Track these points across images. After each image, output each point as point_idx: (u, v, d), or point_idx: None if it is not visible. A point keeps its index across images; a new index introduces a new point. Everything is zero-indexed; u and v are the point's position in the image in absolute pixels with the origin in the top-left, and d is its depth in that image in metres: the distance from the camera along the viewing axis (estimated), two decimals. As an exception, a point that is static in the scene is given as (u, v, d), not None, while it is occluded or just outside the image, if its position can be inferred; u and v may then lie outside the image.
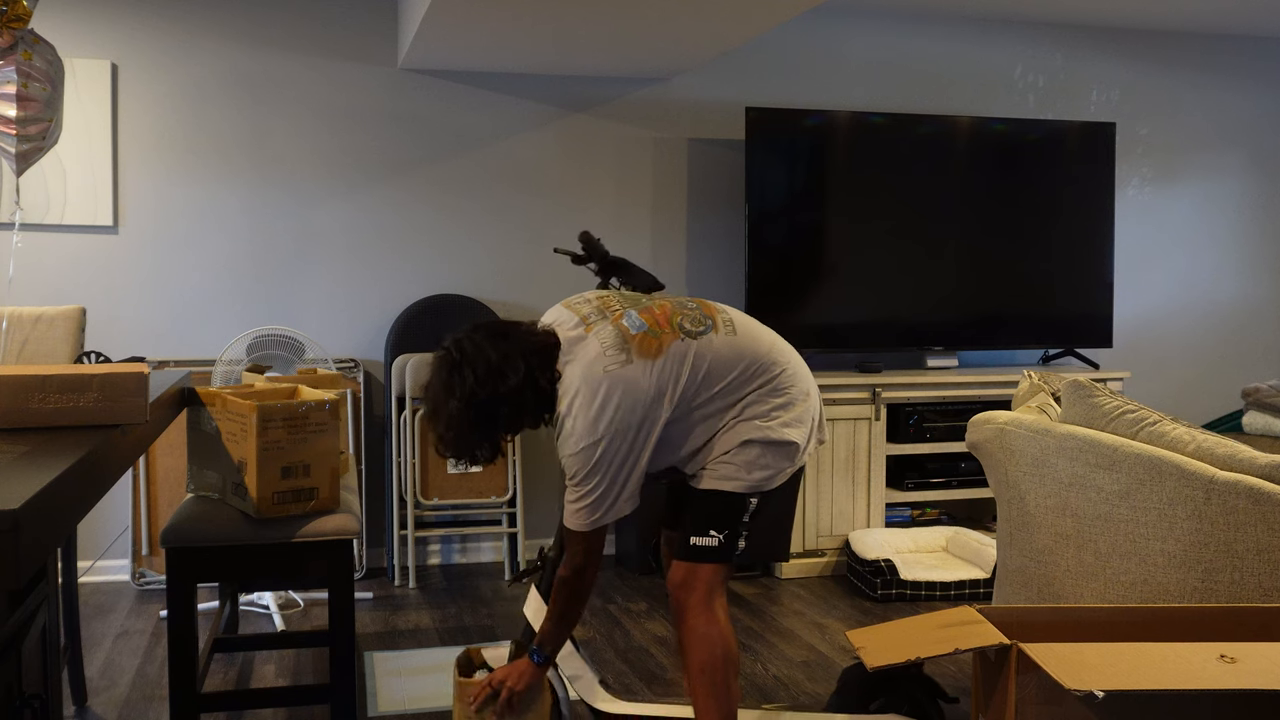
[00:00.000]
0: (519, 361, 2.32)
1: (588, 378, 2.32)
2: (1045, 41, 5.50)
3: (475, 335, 2.37)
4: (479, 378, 2.31)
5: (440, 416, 2.35)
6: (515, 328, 2.40)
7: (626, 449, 2.33)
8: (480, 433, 2.35)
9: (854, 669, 2.62)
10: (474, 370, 2.32)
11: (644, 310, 2.43)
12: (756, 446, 2.42)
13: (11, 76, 2.99)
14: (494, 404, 2.31)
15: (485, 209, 4.88)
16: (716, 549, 2.44)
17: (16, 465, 1.39)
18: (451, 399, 2.32)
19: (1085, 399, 2.78)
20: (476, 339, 2.36)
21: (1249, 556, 2.32)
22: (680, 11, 3.82)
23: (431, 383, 2.39)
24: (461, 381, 2.32)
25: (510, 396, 2.32)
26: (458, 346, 2.37)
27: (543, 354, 2.36)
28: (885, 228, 4.96)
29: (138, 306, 4.54)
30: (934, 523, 4.93)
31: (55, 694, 1.79)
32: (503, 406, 2.32)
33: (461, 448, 2.36)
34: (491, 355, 2.33)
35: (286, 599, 4.19)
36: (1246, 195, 5.88)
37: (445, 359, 2.37)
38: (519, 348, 2.34)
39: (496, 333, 2.37)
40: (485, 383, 2.31)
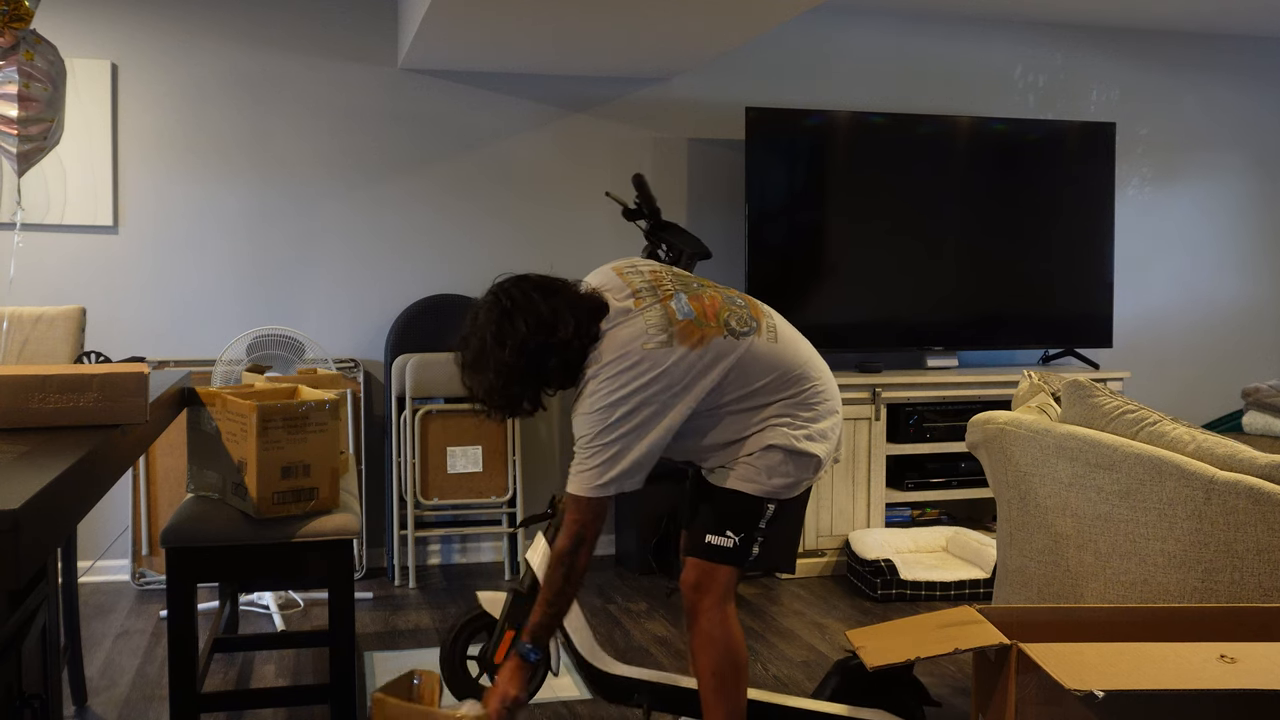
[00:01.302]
0: (568, 315, 2.30)
1: (625, 347, 2.32)
2: (1045, 41, 5.50)
3: (523, 285, 2.35)
4: (530, 326, 2.29)
5: (487, 365, 2.32)
6: (563, 283, 2.38)
7: (640, 421, 2.31)
8: (527, 384, 2.33)
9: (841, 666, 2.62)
10: (525, 319, 2.30)
11: (694, 297, 2.42)
12: (779, 453, 2.41)
13: (13, 77, 2.99)
14: (545, 353, 2.29)
15: (485, 209, 4.89)
16: (731, 550, 2.43)
17: (16, 465, 1.39)
18: (501, 347, 2.30)
19: (1085, 399, 2.78)
20: (525, 288, 2.34)
21: (1249, 556, 2.32)
22: (680, 11, 3.82)
23: (475, 330, 2.36)
24: (513, 329, 2.30)
25: (560, 348, 2.30)
26: (506, 295, 2.34)
27: (590, 313, 2.35)
28: (885, 228, 4.96)
29: (138, 306, 4.54)
30: (934, 523, 4.93)
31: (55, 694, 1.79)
32: (552, 357, 2.30)
33: (508, 399, 2.35)
34: (542, 306, 2.30)
35: (286, 599, 4.19)
36: (1246, 195, 5.88)
37: (495, 306, 2.34)
38: (567, 301, 2.33)
39: (544, 286, 2.35)
40: (537, 331, 2.29)
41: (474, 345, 2.37)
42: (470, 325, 2.40)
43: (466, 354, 2.39)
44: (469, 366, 2.38)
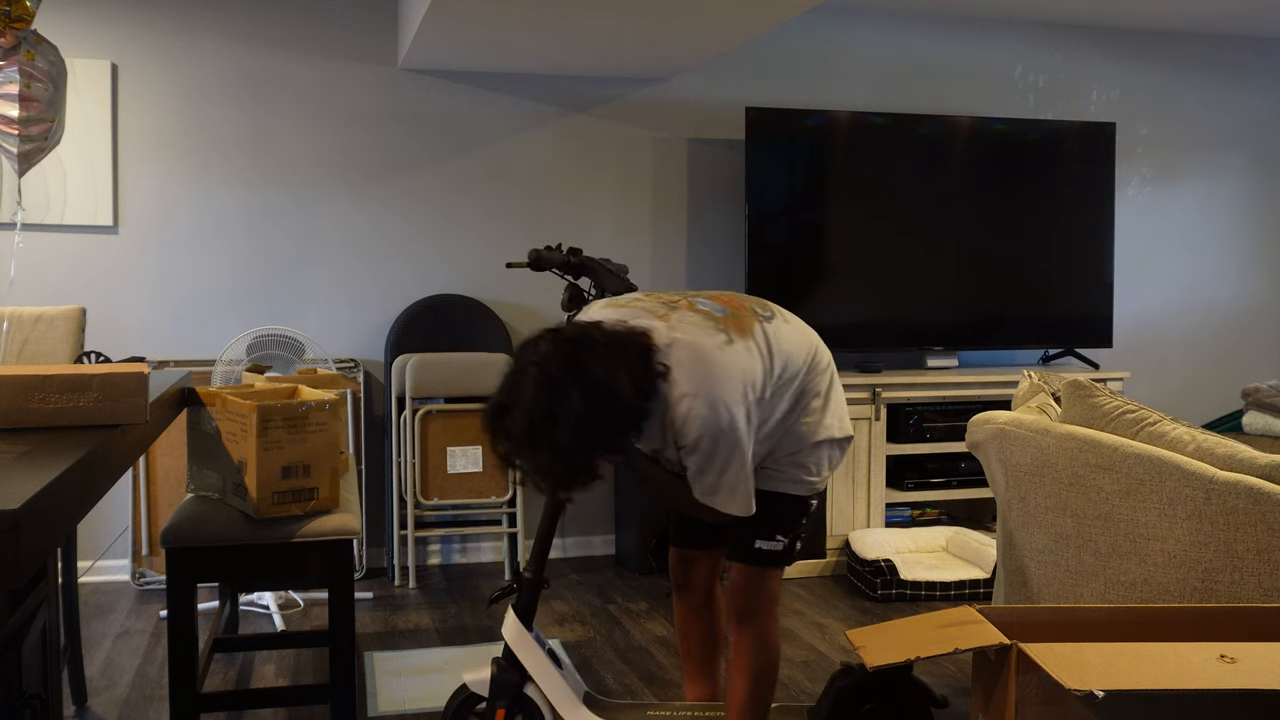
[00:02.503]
0: (622, 371, 2.07)
1: (699, 361, 2.16)
2: (1045, 41, 5.50)
3: (563, 345, 2.08)
4: (589, 399, 2.03)
5: (539, 444, 2.04)
6: (597, 329, 2.13)
7: (746, 426, 2.20)
8: (585, 459, 2.09)
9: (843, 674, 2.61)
10: (581, 390, 2.03)
11: (712, 296, 2.37)
12: (827, 446, 2.41)
13: (14, 77, 2.99)
14: (609, 424, 2.07)
15: (485, 209, 4.89)
16: (781, 553, 2.41)
17: (16, 465, 1.39)
18: (555, 423, 2.02)
19: (1085, 399, 2.78)
20: (568, 351, 2.07)
21: (1249, 556, 2.32)
22: (680, 11, 3.82)
23: (521, 405, 2.05)
24: (569, 404, 2.02)
25: (623, 413, 2.07)
26: (551, 362, 2.05)
27: (640, 355, 2.13)
28: (885, 228, 4.96)
29: (138, 306, 4.54)
30: (934, 523, 4.93)
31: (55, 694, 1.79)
32: (615, 426, 2.08)
33: (566, 479, 2.12)
34: (596, 368, 2.05)
35: (286, 599, 4.19)
36: (1247, 195, 5.88)
37: (542, 379, 2.04)
38: (615, 351, 2.09)
39: (584, 341, 2.09)
40: (597, 402, 2.03)
41: (521, 421, 2.05)
42: (508, 394, 2.09)
43: (511, 429, 2.08)
44: (517, 443, 2.08)
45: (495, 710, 2.60)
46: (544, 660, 2.59)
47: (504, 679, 2.59)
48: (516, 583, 2.65)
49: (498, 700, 2.59)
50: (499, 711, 2.60)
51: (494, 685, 2.59)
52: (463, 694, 2.65)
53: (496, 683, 2.59)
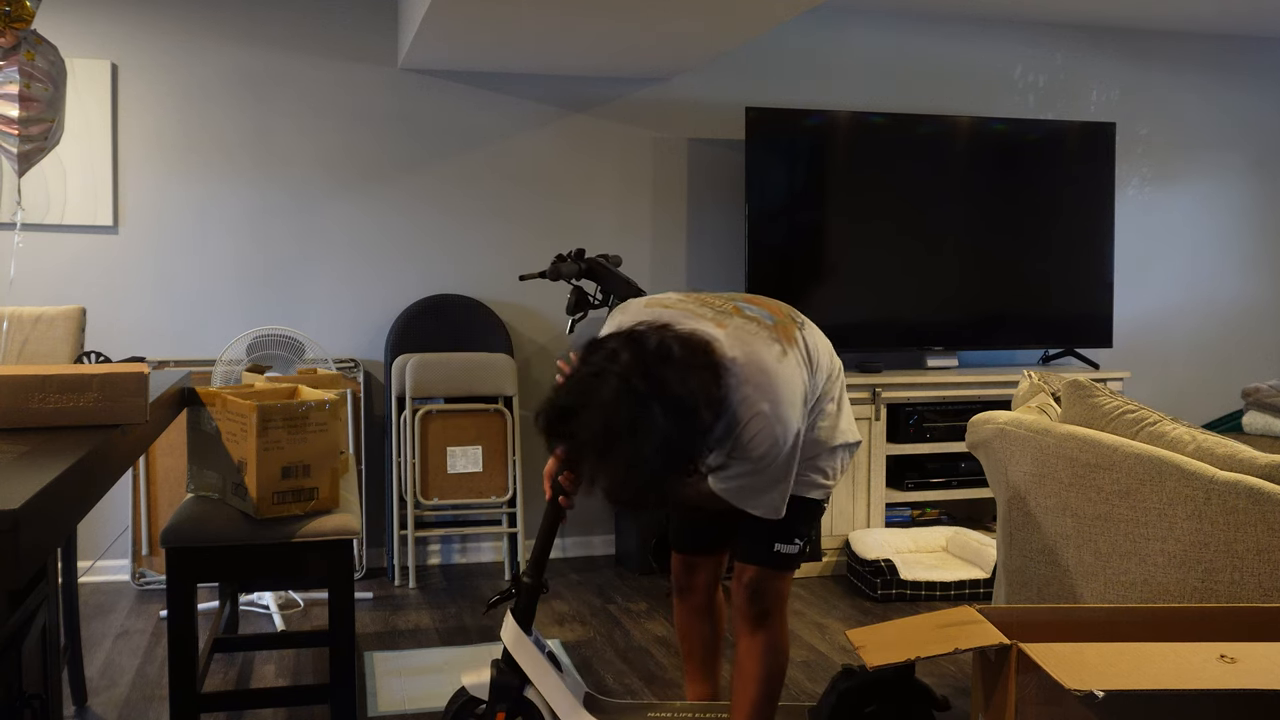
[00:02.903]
0: (700, 390, 2.00)
1: (765, 376, 2.14)
2: (1045, 41, 5.50)
3: (648, 361, 1.99)
4: (672, 417, 1.95)
5: (614, 460, 1.96)
6: (676, 342, 2.03)
7: (798, 435, 2.22)
8: (660, 478, 2.01)
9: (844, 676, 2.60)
10: (664, 408, 1.94)
11: (752, 300, 2.38)
12: (841, 450, 2.45)
13: (14, 77, 2.99)
14: (691, 444, 2.01)
15: (485, 209, 4.88)
16: (796, 556, 2.43)
17: (16, 465, 1.39)
18: (638, 441, 1.94)
19: (1085, 399, 2.78)
20: (652, 365, 1.98)
21: (1249, 556, 2.32)
22: (680, 11, 3.82)
23: (597, 415, 1.96)
24: (652, 422, 1.94)
25: (702, 434, 2.01)
26: (634, 374, 1.96)
27: (713, 373, 2.05)
28: (885, 228, 4.96)
29: (138, 306, 4.54)
30: (934, 523, 4.93)
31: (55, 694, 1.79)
32: (693, 448, 2.02)
33: (636, 498, 2.05)
34: (679, 386, 1.97)
35: (286, 599, 4.19)
36: (1247, 195, 5.88)
37: (625, 392, 1.94)
38: (694, 371, 2.01)
39: (663, 355, 1.99)
40: (681, 422, 1.96)
41: (594, 428, 1.95)
42: (579, 397, 1.99)
43: (580, 433, 1.98)
44: (584, 448, 1.99)
45: (495, 714, 2.60)
46: (543, 663, 2.59)
47: (503, 682, 2.58)
48: (515, 587, 2.65)
49: (498, 704, 2.59)
50: (499, 715, 2.60)
51: (494, 689, 2.59)
52: (462, 697, 2.65)
53: (496, 686, 2.59)
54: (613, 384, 1.96)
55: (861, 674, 2.56)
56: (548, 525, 2.67)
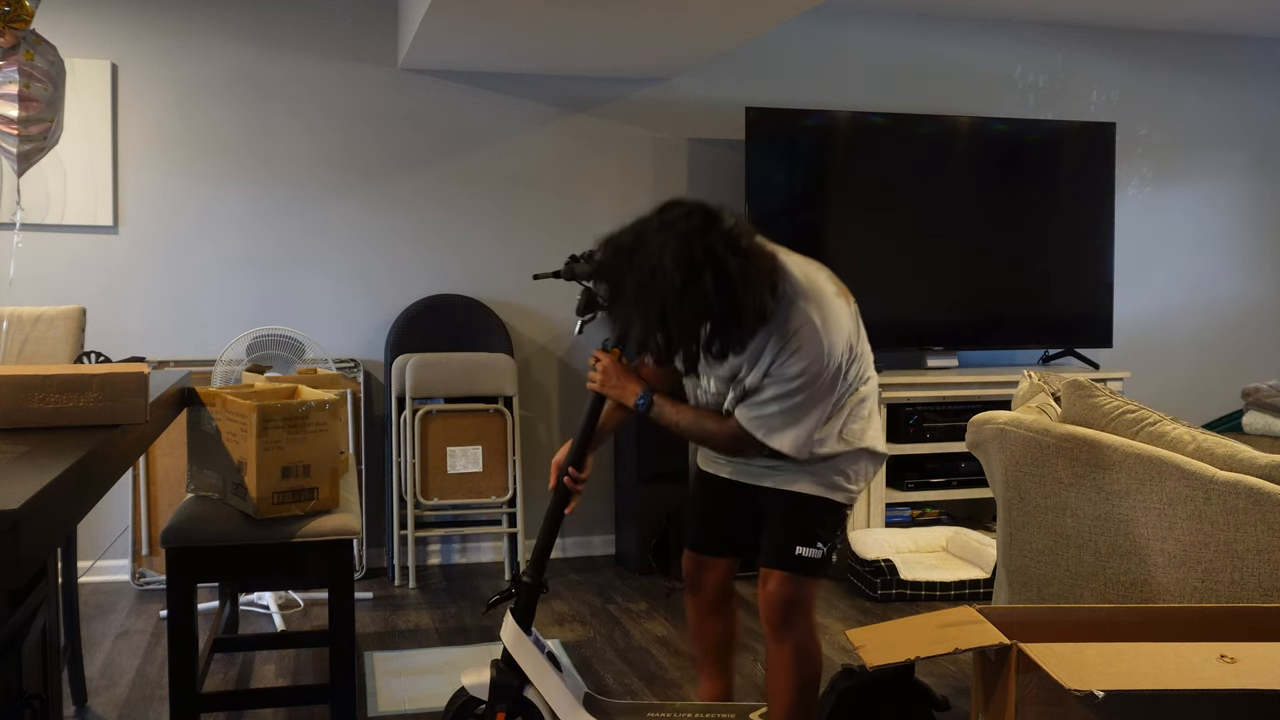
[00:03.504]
0: (751, 286, 2.09)
1: (821, 300, 2.19)
2: (1045, 41, 5.50)
3: (714, 232, 2.07)
4: (719, 294, 2.02)
5: (649, 309, 2.05)
6: (747, 235, 2.15)
7: (833, 388, 2.26)
8: (686, 344, 2.10)
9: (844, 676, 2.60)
10: (715, 281, 2.01)
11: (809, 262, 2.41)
12: (866, 456, 2.46)
13: (14, 77, 2.99)
14: (720, 327, 2.10)
15: (485, 209, 4.88)
16: (820, 561, 2.42)
17: (16, 465, 1.39)
18: (681, 303, 2.02)
19: (1085, 399, 2.78)
20: (716, 238, 2.06)
21: (1249, 556, 2.32)
22: (680, 11, 3.82)
23: (648, 264, 2.04)
24: (698, 288, 2.01)
25: (738, 323, 2.09)
26: (697, 241, 2.04)
27: (771, 277, 2.15)
28: (885, 228, 4.96)
29: (138, 306, 4.54)
30: (934, 523, 4.93)
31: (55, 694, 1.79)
32: (726, 331, 2.09)
33: (650, 347, 2.12)
34: (733, 271, 2.05)
35: (286, 599, 4.19)
36: (1247, 195, 5.88)
37: (683, 253, 2.03)
38: (755, 265, 2.10)
39: (734, 239, 2.09)
40: (722, 302, 2.05)
41: (642, 275, 2.03)
42: (636, 240, 2.08)
43: (624, 272, 2.07)
44: (622, 289, 2.07)
45: (495, 714, 2.60)
46: (543, 663, 2.59)
47: (503, 683, 2.58)
48: (515, 587, 2.65)
49: (497, 704, 2.59)
50: (499, 715, 2.60)
51: (494, 689, 2.59)
52: (462, 697, 2.65)
53: (496, 686, 2.59)
54: (674, 243, 2.04)
55: (861, 674, 2.56)
56: (549, 525, 2.67)
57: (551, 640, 3.78)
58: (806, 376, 2.21)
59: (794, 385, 2.22)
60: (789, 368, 2.21)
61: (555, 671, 2.61)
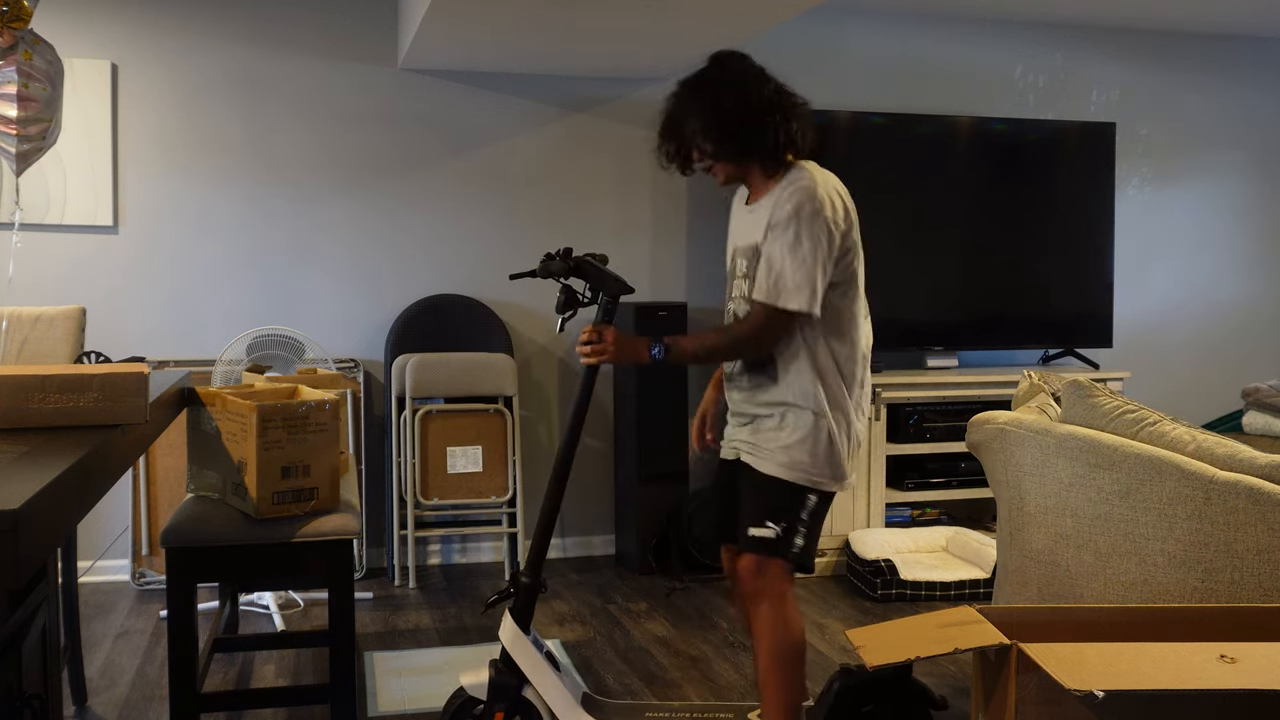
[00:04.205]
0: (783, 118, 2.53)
1: (821, 173, 2.55)
2: (1045, 41, 5.50)
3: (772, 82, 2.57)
4: (779, 88, 2.54)
5: (716, 98, 2.48)
6: (800, 101, 2.63)
7: (828, 235, 2.46)
8: (740, 135, 2.49)
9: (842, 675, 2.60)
10: (778, 83, 2.55)
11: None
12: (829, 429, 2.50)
13: (12, 77, 2.99)
14: (785, 115, 2.52)
15: (485, 209, 4.88)
16: (775, 541, 2.47)
17: (16, 465, 1.39)
18: (753, 96, 2.49)
19: (1085, 399, 2.78)
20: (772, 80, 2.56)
21: (1249, 556, 2.32)
22: (680, 11, 3.82)
23: (723, 71, 2.52)
24: (766, 80, 2.52)
25: (790, 118, 2.53)
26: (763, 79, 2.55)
27: (803, 128, 2.59)
28: (885, 227, 4.96)
29: (138, 306, 4.54)
30: (934, 523, 4.93)
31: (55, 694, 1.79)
32: (784, 123, 2.51)
33: (718, 138, 2.50)
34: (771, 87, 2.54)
35: (286, 599, 4.19)
36: (1246, 195, 5.88)
37: (740, 56, 2.55)
38: (795, 109, 2.58)
39: (787, 95, 2.58)
40: (785, 94, 2.54)
41: (702, 78, 2.51)
42: (702, 73, 2.54)
43: (690, 85, 2.52)
44: (699, 90, 2.50)
45: (494, 714, 2.60)
46: (541, 663, 2.59)
47: (502, 682, 2.58)
48: (513, 587, 2.65)
49: (496, 704, 2.59)
50: (497, 715, 2.60)
51: (492, 688, 2.59)
52: (461, 697, 2.65)
53: (495, 686, 2.59)
54: (737, 59, 2.56)
55: (859, 673, 2.56)
56: (545, 524, 2.67)
57: (551, 640, 3.78)
58: (802, 213, 2.44)
59: (790, 226, 2.44)
60: (784, 209, 2.46)
61: (553, 671, 2.61)
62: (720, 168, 2.59)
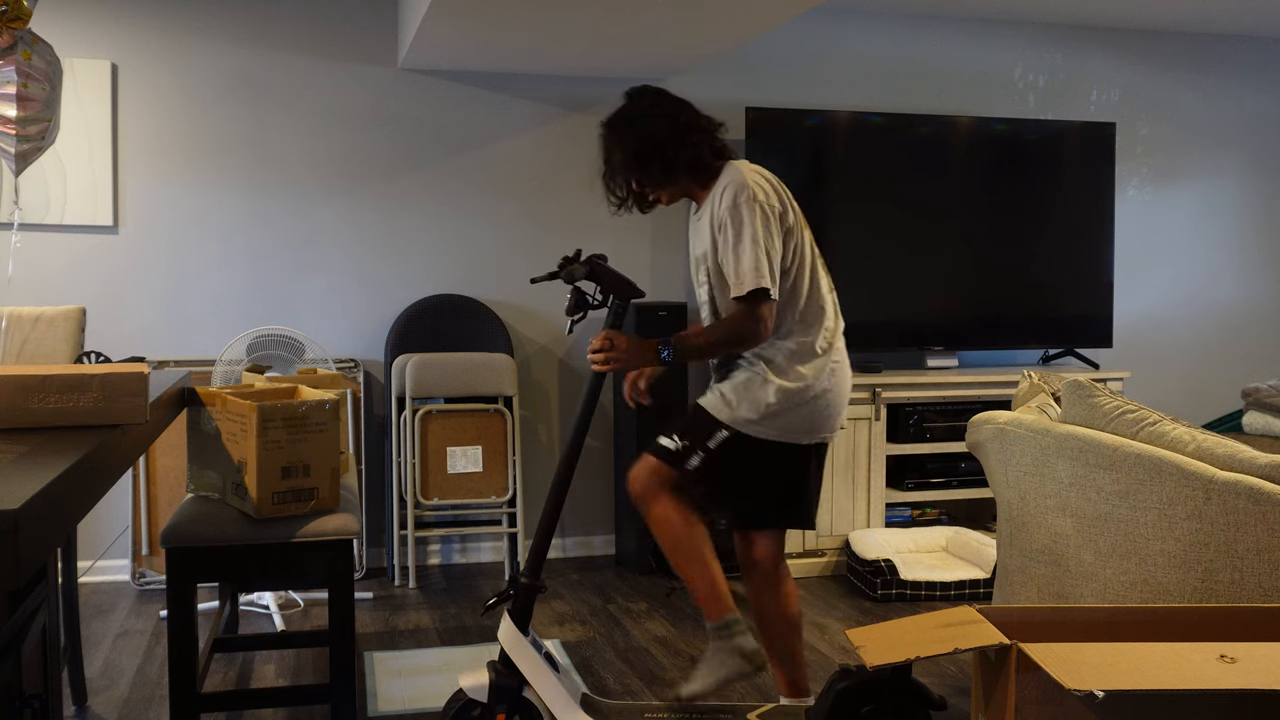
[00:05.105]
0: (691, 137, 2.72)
1: (740, 173, 2.67)
2: (1045, 41, 5.50)
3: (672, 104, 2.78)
4: (691, 113, 2.73)
5: (633, 130, 2.70)
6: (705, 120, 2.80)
7: (763, 218, 2.61)
8: (661, 158, 2.68)
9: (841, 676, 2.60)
10: (688, 109, 2.73)
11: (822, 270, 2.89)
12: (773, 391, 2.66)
13: (12, 77, 2.99)
14: (696, 138, 2.69)
15: (485, 209, 4.89)
16: (671, 453, 2.68)
17: (16, 465, 1.39)
18: (658, 111, 2.71)
19: (1085, 399, 2.78)
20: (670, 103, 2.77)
21: (1249, 556, 2.32)
22: (680, 11, 3.82)
23: (636, 105, 2.75)
24: (672, 106, 2.72)
25: (703, 141, 2.70)
26: (664, 94, 2.78)
27: (712, 150, 2.73)
28: (885, 228, 4.96)
29: (138, 306, 4.54)
30: (934, 523, 4.93)
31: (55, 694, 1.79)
32: (698, 146, 2.69)
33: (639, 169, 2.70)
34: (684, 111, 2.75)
35: (286, 599, 4.19)
36: (1246, 195, 5.88)
37: (660, 93, 2.79)
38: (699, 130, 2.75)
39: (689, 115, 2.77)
40: (697, 118, 2.73)
41: (618, 116, 2.74)
42: (618, 111, 2.76)
43: (609, 125, 2.74)
44: (613, 126, 2.73)
45: (495, 715, 2.60)
46: (540, 663, 2.59)
47: (503, 684, 2.58)
48: (513, 588, 2.65)
49: (498, 705, 2.59)
50: (499, 716, 2.60)
51: (494, 690, 2.59)
52: (460, 699, 2.65)
53: (496, 688, 2.59)
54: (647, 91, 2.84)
55: (858, 674, 2.56)
56: (545, 525, 2.68)
57: (551, 640, 3.78)
58: (738, 205, 2.61)
59: (730, 221, 2.61)
60: (720, 208, 2.63)
61: (552, 671, 2.61)
62: (663, 193, 2.78)
